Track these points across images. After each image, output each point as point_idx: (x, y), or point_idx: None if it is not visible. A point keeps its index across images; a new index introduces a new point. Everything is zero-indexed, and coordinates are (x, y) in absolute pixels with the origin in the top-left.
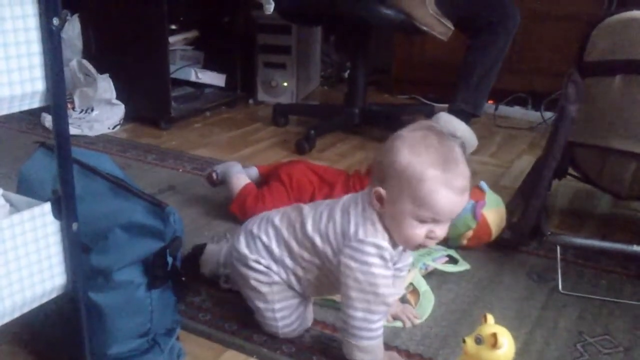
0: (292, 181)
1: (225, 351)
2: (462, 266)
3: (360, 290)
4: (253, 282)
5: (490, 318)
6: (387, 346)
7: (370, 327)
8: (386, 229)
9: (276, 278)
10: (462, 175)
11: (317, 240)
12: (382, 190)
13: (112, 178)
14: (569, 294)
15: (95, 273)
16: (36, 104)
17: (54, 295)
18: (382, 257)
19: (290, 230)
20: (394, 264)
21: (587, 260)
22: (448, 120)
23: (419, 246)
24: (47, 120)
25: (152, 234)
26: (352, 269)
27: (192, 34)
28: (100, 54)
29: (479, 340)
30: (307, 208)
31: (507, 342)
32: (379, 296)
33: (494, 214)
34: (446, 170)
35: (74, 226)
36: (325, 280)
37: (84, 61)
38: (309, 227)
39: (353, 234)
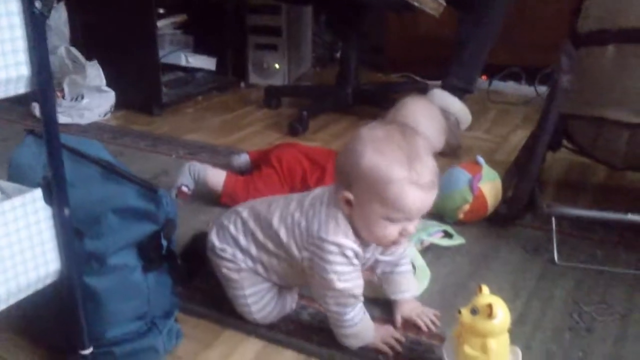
0: (282, 165)
1: (223, 331)
2: (458, 240)
3: (324, 287)
4: (224, 270)
5: (485, 289)
6: (384, 319)
7: (345, 319)
8: (353, 227)
9: (243, 265)
10: (428, 170)
11: (282, 234)
12: (349, 194)
13: (103, 163)
14: (565, 265)
15: (89, 258)
16: (22, 89)
17: (48, 281)
18: (343, 255)
19: (257, 222)
20: (365, 261)
21: (583, 232)
22: (441, 97)
23: (393, 243)
24: (38, 109)
25: (145, 217)
26: (314, 267)
27: (180, 18)
28: (88, 40)
29: (474, 311)
30: (277, 201)
31: (502, 312)
32: (342, 291)
33: (490, 187)
34: (412, 169)
35: (66, 211)
36: (290, 271)
37: (72, 48)
38: (275, 220)
39: (316, 232)
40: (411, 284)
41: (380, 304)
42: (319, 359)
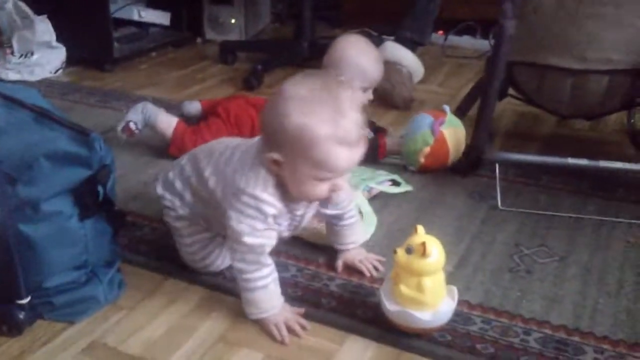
0: (229, 116)
1: (166, 280)
2: (405, 187)
3: (233, 239)
4: (166, 218)
5: (420, 229)
6: (327, 265)
7: (246, 278)
8: (282, 186)
9: (181, 212)
10: (354, 124)
11: (212, 182)
12: (276, 156)
13: (36, 109)
14: (508, 210)
15: (23, 204)
16: None
17: None
18: (258, 209)
19: (194, 169)
20: (300, 219)
21: (527, 178)
22: (394, 49)
23: (324, 199)
24: None
25: (78, 161)
26: (229, 217)
27: None
28: None
29: (409, 250)
30: (214, 151)
31: (436, 251)
32: (249, 246)
33: (452, 132)
34: (339, 126)
35: None
36: (223, 220)
37: (20, 2)
38: (208, 169)
39: (237, 183)
40: (357, 235)
41: (325, 250)
42: None
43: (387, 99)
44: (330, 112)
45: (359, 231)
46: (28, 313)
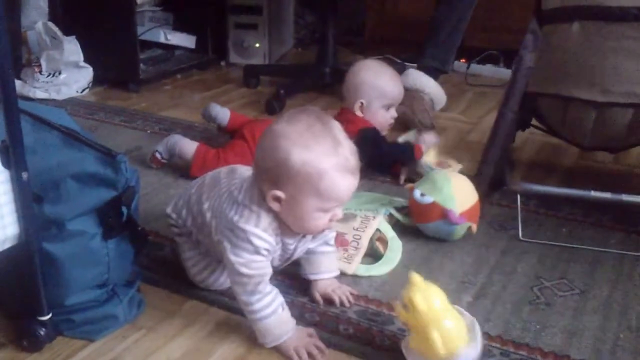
0: (255, 139)
1: (186, 302)
2: None
3: (232, 271)
4: (173, 236)
5: (414, 278)
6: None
7: (252, 309)
8: (280, 222)
9: (183, 229)
10: (351, 152)
11: (208, 216)
12: (279, 193)
13: (64, 129)
14: (529, 241)
15: (48, 223)
16: None
17: (7, 245)
18: (250, 242)
19: (197, 197)
20: (292, 252)
21: (549, 210)
22: (416, 77)
23: (323, 230)
24: None
25: (104, 182)
26: (226, 249)
27: None
28: (67, 15)
29: (406, 308)
30: (220, 182)
31: (432, 301)
32: (245, 276)
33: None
34: (339, 155)
35: (24, 175)
36: (214, 250)
37: (50, 23)
38: (207, 202)
39: (230, 217)
40: (332, 264)
41: (344, 277)
42: None
43: (409, 125)
44: (328, 143)
45: (334, 261)
46: (48, 329)
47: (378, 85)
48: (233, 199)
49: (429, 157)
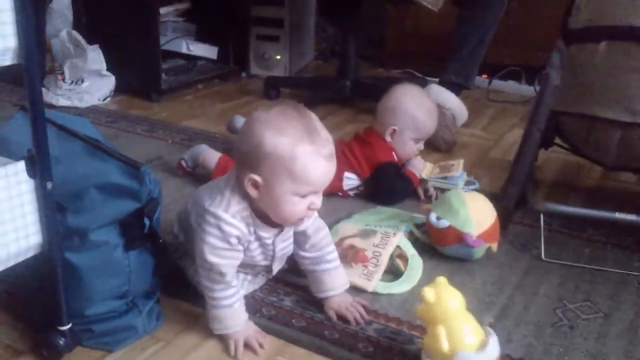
0: None
1: (204, 315)
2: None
3: (198, 256)
4: (176, 261)
5: (439, 279)
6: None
7: (212, 296)
8: (259, 209)
9: (180, 248)
10: (327, 141)
11: (192, 214)
12: (256, 177)
13: (89, 140)
14: (552, 262)
15: (71, 233)
16: (8, 61)
17: (30, 254)
18: (219, 228)
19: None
20: (272, 248)
21: (572, 230)
22: (438, 92)
23: (301, 220)
24: None
25: (128, 194)
26: (194, 235)
27: (183, 5)
28: (91, 24)
29: (422, 302)
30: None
31: (447, 297)
32: (212, 265)
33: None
34: (313, 142)
35: (49, 185)
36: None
37: (74, 32)
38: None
39: (202, 203)
40: (337, 280)
41: (365, 294)
42: (299, 345)
43: (430, 141)
44: (304, 128)
45: (339, 277)
46: (68, 339)
47: (417, 117)
48: (211, 186)
49: (430, 173)
